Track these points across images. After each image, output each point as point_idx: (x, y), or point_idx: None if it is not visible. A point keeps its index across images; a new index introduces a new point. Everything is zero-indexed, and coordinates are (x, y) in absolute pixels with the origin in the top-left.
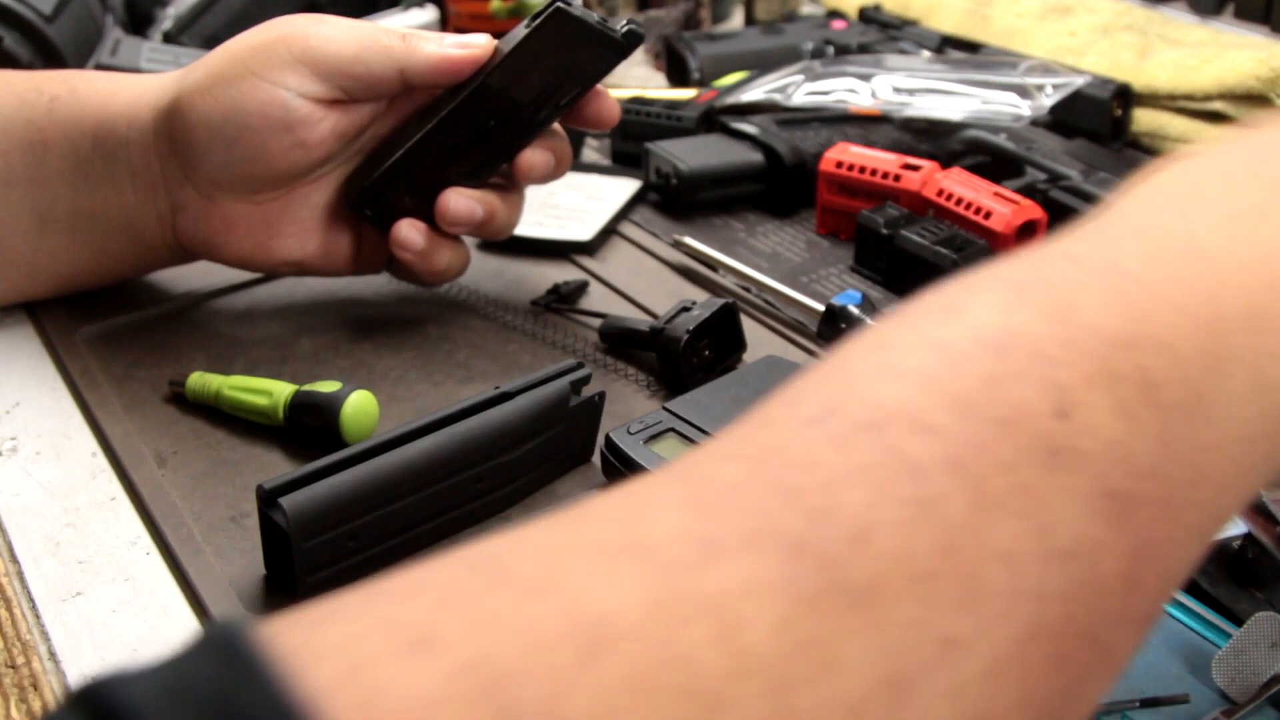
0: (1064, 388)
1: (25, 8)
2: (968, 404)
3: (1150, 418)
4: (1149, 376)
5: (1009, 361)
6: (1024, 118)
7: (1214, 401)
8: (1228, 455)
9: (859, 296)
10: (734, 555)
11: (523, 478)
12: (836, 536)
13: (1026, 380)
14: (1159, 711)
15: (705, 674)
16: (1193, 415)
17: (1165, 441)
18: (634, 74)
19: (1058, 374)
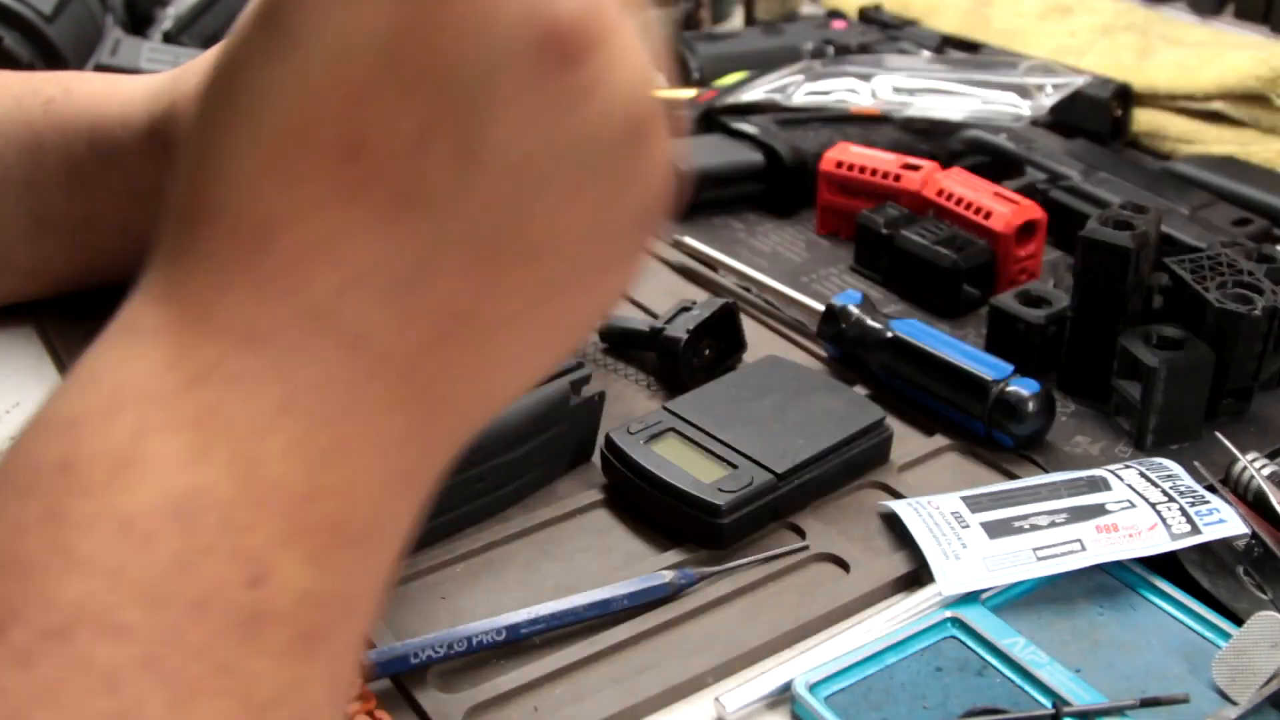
0: (256, 557)
1: (25, 8)
2: (158, 594)
3: (335, 556)
4: (332, 521)
5: (199, 536)
6: (1024, 118)
7: (384, 520)
8: (393, 554)
9: (859, 296)
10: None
11: (523, 478)
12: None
13: (217, 555)
14: (1159, 711)
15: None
16: (369, 539)
17: (346, 568)
18: None
19: (248, 541)
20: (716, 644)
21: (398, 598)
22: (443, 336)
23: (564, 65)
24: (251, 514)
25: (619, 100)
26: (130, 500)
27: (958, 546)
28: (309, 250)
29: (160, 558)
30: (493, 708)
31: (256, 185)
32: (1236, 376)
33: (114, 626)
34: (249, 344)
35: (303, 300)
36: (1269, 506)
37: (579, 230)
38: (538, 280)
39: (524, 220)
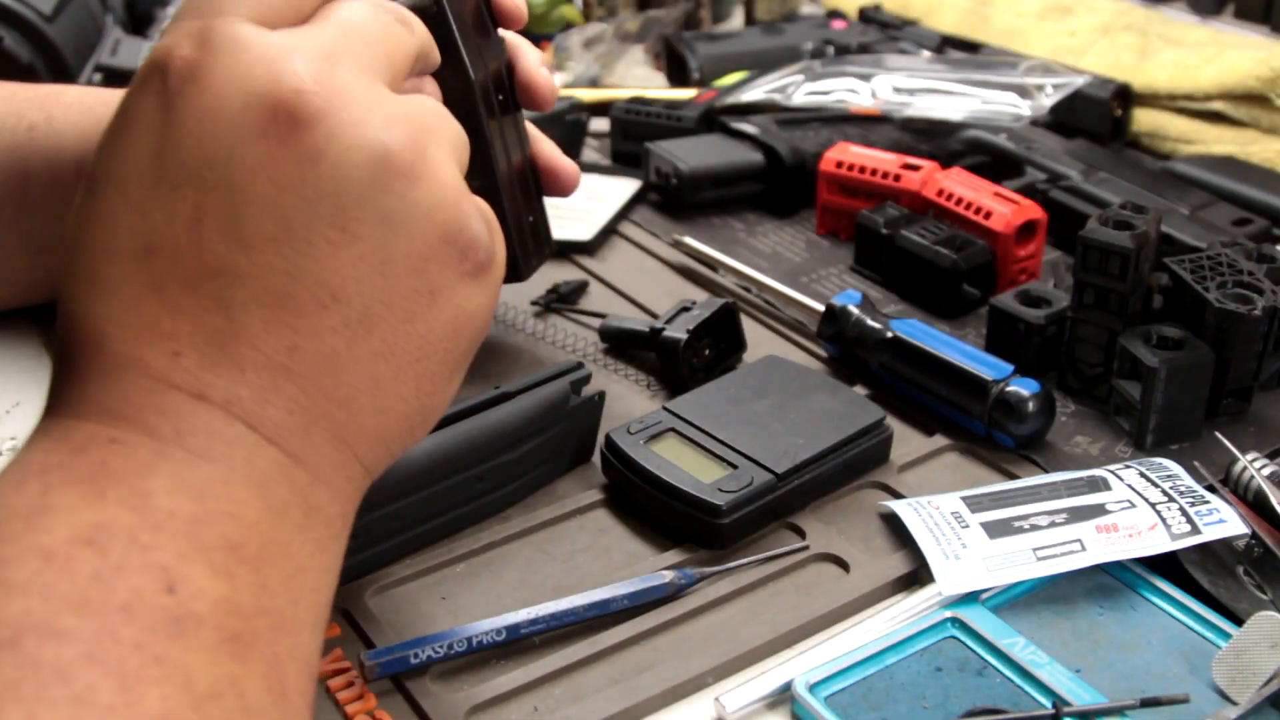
0: (165, 567)
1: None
2: (86, 602)
3: (242, 571)
4: (230, 541)
5: (110, 556)
6: (1024, 118)
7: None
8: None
9: (859, 296)
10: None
11: (523, 478)
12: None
13: (130, 569)
14: (1159, 711)
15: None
16: (272, 557)
17: (260, 584)
18: (634, 74)
19: (155, 557)
20: (716, 644)
21: (398, 598)
22: (274, 380)
23: (291, 132)
24: (152, 536)
25: (355, 151)
26: (47, 538)
27: (958, 546)
28: (137, 340)
29: (81, 575)
30: (493, 708)
31: (85, 303)
32: (1236, 376)
33: (55, 631)
34: (115, 417)
35: (144, 377)
36: (1269, 506)
37: (364, 270)
38: (344, 319)
39: (304, 271)
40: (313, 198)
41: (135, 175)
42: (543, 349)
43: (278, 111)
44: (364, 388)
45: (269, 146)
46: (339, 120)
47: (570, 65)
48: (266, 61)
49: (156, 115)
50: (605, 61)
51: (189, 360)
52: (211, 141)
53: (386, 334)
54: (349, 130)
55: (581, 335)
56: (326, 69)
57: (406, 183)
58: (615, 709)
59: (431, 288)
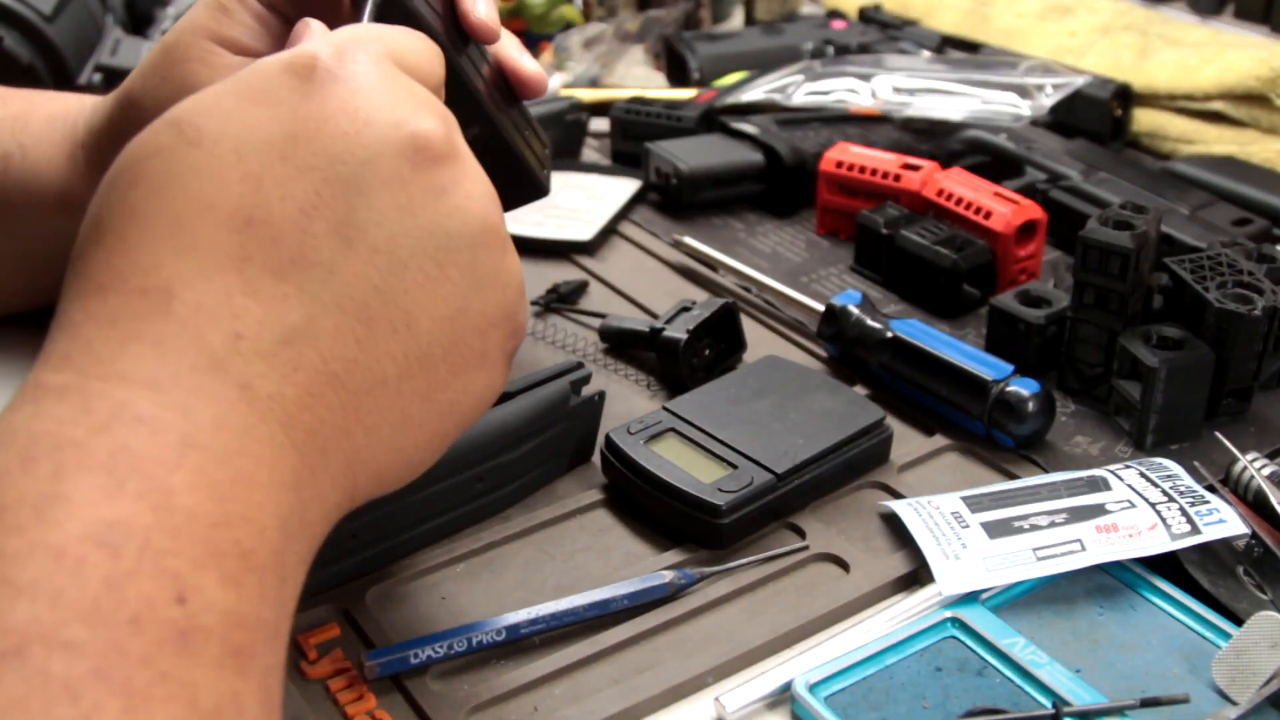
0: (178, 576)
1: (25, 8)
2: (97, 611)
3: (250, 580)
4: (242, 547)
5: (124, 560)
6: (1024, 118)
7: (285, 550)
8: (295, 580)
9: (859, 296)
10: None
11: (523, 478)
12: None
13: (144, 576)
14: (1159, 711)
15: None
16: (275, 567)
17: (263, 594)
18: (634, 74)
19: (170, 563)
20: (716, 644)
21: (398, 598)
22: (322, 388)
23: (426, 164)
24: (169, 539)
25: (473, 201)
26: (59, 533)
27: (958, 546)
28: (203, 309)
29: (93, 580)
30: (493, 708)
31: (157, 254)
32: (1236, 376)
33: (64, 642)
34: (150, 389)
35: (198, 352)
36: (1269, 506)
37: (443, 312)
38: (405, 350)
39: (392, 291)
40: (426, 228)
41: (261, 145)
42: (543, 349)
43: (419, 140)
44: (392, 421)
45: (404, 167)
46: (465, 171)
47: (570, 65)
48: (413, 96)
49: (298, 99)
50: (605, 61)
51: (248, 345)
52: (353, 141)
53: (433, 379)
54: (471, 183)
55: (581, 335)
56: (454, 131)
57: (501, 251)
58: (615, 709)
59: (484, 352)
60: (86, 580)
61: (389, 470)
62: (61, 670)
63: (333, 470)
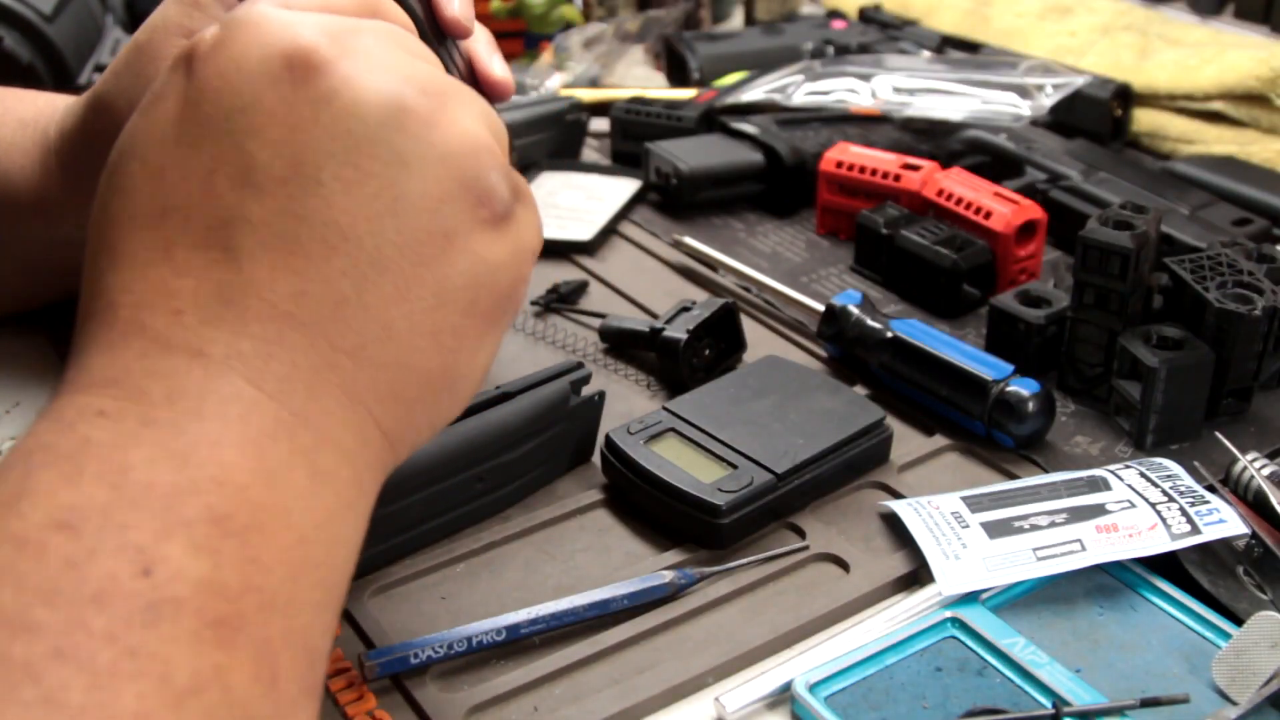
0: (141, 548)
1: (25, 8)
2: (57, 592)
3: (228, 545)
4: (216, 512)
5: (84, 540)
6: (1024, 118)
7: (281, 507)
8: (314, 539)
9: (859, 296)
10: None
11: (523, 478)
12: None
13: (104, 553)
14: (1159, 711)
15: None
16: (265, 527)
17: (250, 559)
18: (634, 74)
19: (131, 537)
20: (716, 644)
21: (398, 598)
22: (280, 331)
23: (308, 77)
24: (127, 514)
25: (370, 92)
26: (21, 524)
27: (958, 546)
28: (142, 305)
29: (53, 563)
30: (493, 708)
31: (101, 280)
32: (1236, 376)
33: (25, 625)
34: (109, 386)
35: (143, 341)
36: (1269, 506)
37: (376, 209)
38: (351, 262)
39: (313, 210)
40: (324, 137)
41: (156, 142)
42: (543, 349)
43: (293, 59)
44: (374, 335)
45: (283, 91)
46: (355, 68)
47: (570, 65)
48: (284, 24)
49: (181, 85)
50: (605, 61)
51: (190, 318)
52: (230, 95)
53: (398, 278)
54: (365, 77)
55: (581, 335)
56: (345, 32)
57: (423, 126)
58: (615, 709)
59: (446, 231)
60: (47, 563)
61: (408, 389)
62: (22, 653)
63: (331, 408)
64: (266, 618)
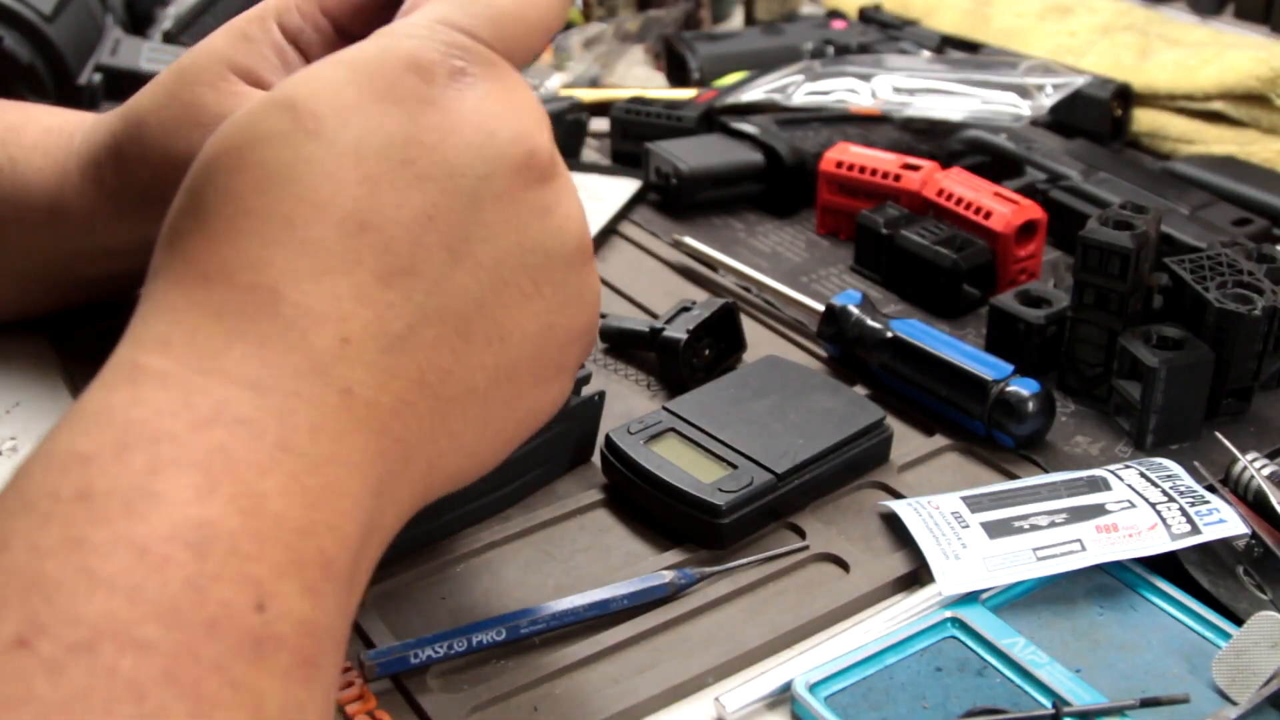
0: (260, 582)
1: (25, 8)
2: (175, 612)
3: (327, 590)
4: (325, 556)
5: (209, 563)
6: (1024, 118)
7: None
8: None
9: (859, 296)
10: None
11: (523, 478)
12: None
13: (226, 580)
14: (1159, 711)
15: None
16: (352, 575)
17: (336, 602)
18: (634, 74)
19: (253, 569)
20: (716, 644)
21: (398, 598)
22: (415, 396)
23: (535, 182)
24: (255, 545)
25: (571, 222)
26: (146, 529)
27: (958, 546)
28: (311, 312)
29: (175, 580)
30: (493, 708)
31: (268, 250)
32: (1236, 376)
33: (136, 641)
34: (252, 390)
35: (302, 355)
36: (1269, 506)
37: (533, 327)
38: (497, 362)
39: (491, 305)
40: (528, 246)
41: (381, 148)
42: None
43: (533, 158)
44: (474, 428)
45: (516, 184)
46: (565, 191)
47: (570, 65)
48: (531, 110)
49: (420, 103)
50: (605, 61)
51: (353, 351)
52: (474, 154)
53: (518, 389)
54: (571, 203)
55: None
56: (556, 149)
57: (588, 270)
58: (615, 709)
59: (562, 365)
60: (168, 580)
61: (463, 472)
62: (130, 669)
63: (412, 477)
64: (335, 658)
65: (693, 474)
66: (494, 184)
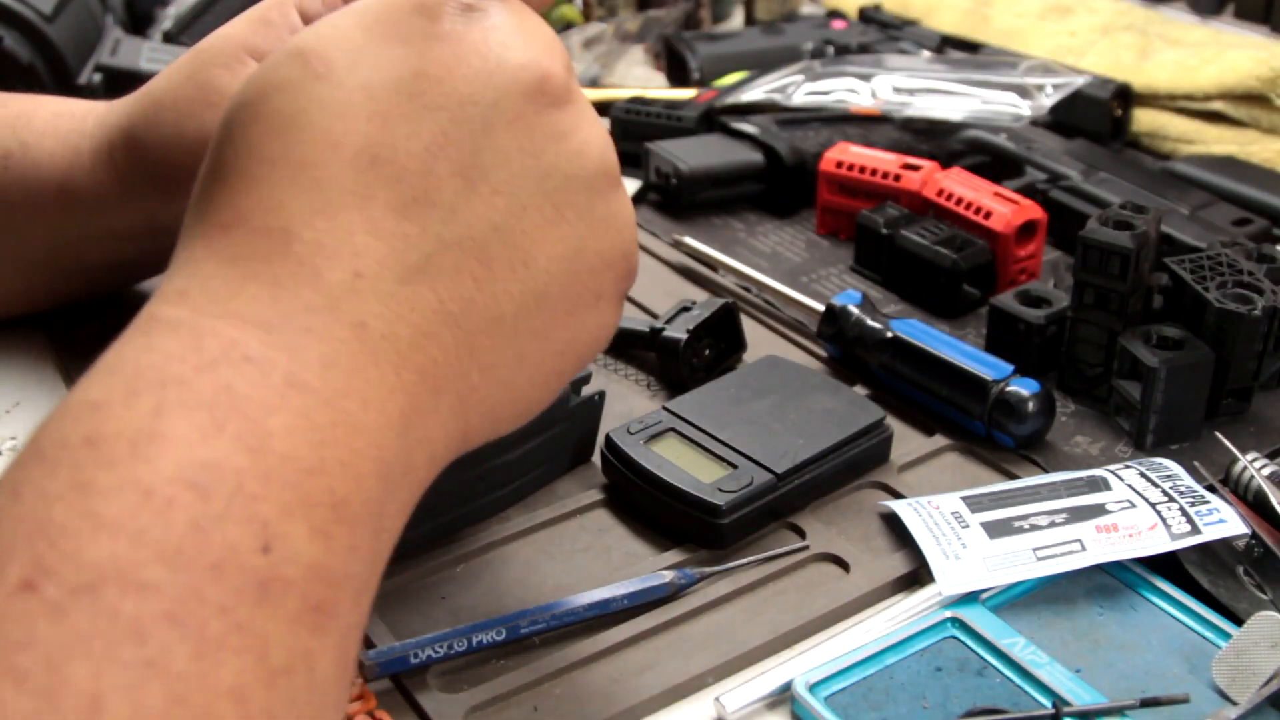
0: (266, 523)
1: (25, 8)
2: (179, 554)
3: (340, 532)
4: (336, 496)
5: (213, 504)
6: (1024, 118)
7: (382, 499)
8: (389, 531)
9: (859, 296)
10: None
11: (523, 478)
12: (68, 715)
13: (231, 521)
14: (1159, 711)
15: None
16: (368, 518)
17: (353, 547)
18: (634, 74)
19: (259, 510)
20: (716, 644)
21: (398, 598)
22: (438, 328)
23: (549, 107)
24: (261, 484)
25: (591, 146)
26: (150, 471)
27: (958, 546)
28: (324, 248)
29: (179, 522)
30: (493, 708)
31: (281, 193)
32: (1236, 376)
33: (139, 583)
34: (262, 329)
35: (314, 290)
36: (1269, 506)
37: (559, 252)
38: (523, 289)
39: (511, 231)
40: (545, 170)
41: (391, 82)
42: None
43: (545, 83)
44: (507, 360)
45: (529, 109)
46: (583, 115)
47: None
48: (543, 38)
49: (427, 39)
50: (605, 61)
51: (366, 284)
52: (483, 81)
53: (549, 318)
54: (587, 128)
55: None
56: (573, 75)
57: (616, 194)
58: (615, 709)
59: (599, 292)
60: (172, 521)
61: (504, 410)
62: (133, 610)
63: (443, 414)
64: (352, 605)
65: (693, 474)
66: (505, 109)
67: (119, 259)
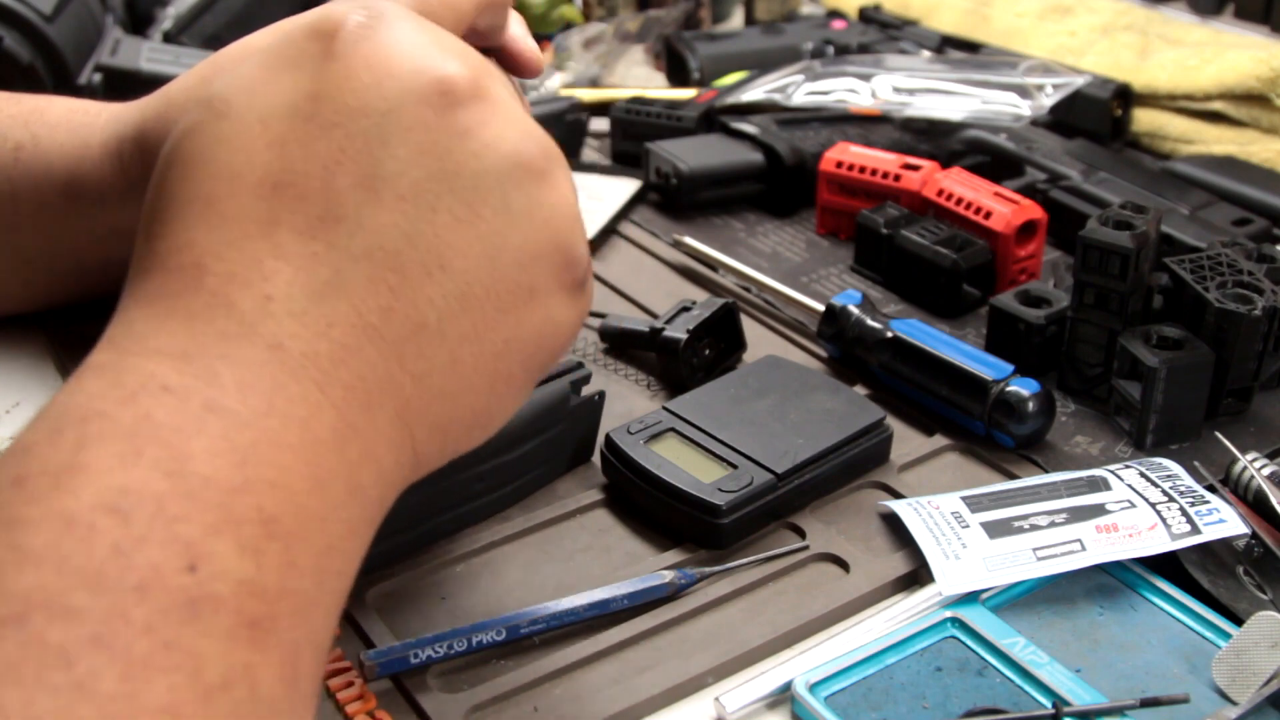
0: (190, 543)
1: (25, 8)
2: (101, 578)
3: (272, 548)
4: (265, 513)
5: (134, 527)
6: (1024, 118)
7: (321, 516)
8: (338, 549)
9: (859, 296)
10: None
11: (523, 478)
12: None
13: (153, 543)
14: (1159, 711)
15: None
16: (306, 534)
17: (289, 563)
18: (634, 74)
19: (181, 530)
20: (716, 644)
21: (398, 598)
22: (359, 341)
23: (450, 107)
24: (182, 506)
25: (504, 140)
26: (73, 501)
27: (958, 546)
28: (235, 277)
29: (100, 547)
30: (493, 708)
31: (191, 231)
32: (1236, 376)
33: (65, 609)
34: (179, 360)
35: (227, 319)
36: (1269, 506)
37: (478, 251)
38: (443, 292)
39: (423, 235)
40: (451, 170)
41: (285, 110)
42: None
43: (443, 85)
44: (440, 367)
45: (427, 113)
46: (491, 112)
47: (570, 65)
48: (440, 44)
49: (320, 61)
50: (605, 61)
51: (279, 306)
52: (375, 93)
53: (478, 319)
54: (498, 123)
55: (581, 335)
56: (485, 74)
57: (537, 185)
58: (615, 709)
59: (532, 287)
60: (94, 547)
61: (452, 423)
62: (59, 637)
63: (381, 427)
64: (295, 621)
65: (693, 474)
66: (401, 117)
67: (120, 258)
